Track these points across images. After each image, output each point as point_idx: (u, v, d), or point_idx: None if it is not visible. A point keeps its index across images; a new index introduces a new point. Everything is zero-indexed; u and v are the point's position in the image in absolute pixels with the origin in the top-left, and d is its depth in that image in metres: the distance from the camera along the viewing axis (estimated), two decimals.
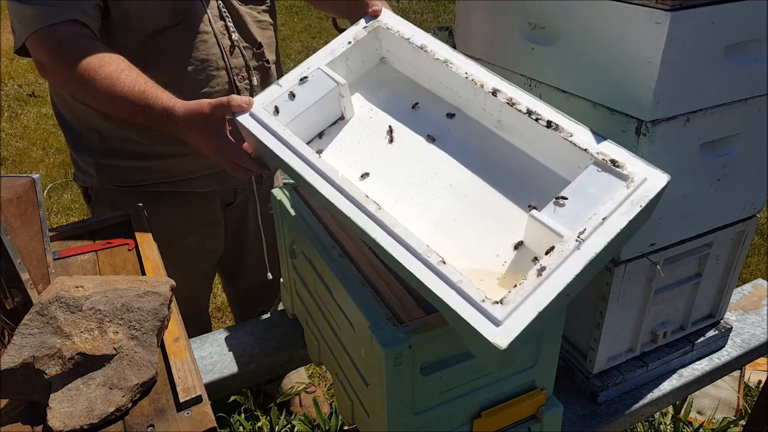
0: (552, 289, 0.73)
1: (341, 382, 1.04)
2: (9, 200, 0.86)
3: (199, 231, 1.50)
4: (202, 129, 1.07)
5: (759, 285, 1.47)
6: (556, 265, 0.75)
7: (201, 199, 1.46)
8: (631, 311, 1.10)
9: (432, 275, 0.76)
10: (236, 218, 1.59)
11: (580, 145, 0.86)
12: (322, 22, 6.78)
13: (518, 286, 0.73)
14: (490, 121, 0.99)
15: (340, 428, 1.76)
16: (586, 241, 0.77)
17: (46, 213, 0.94)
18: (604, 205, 0.80)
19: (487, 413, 0.92)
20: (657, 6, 0.81)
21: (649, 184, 0.82)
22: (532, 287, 0.73)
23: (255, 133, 0.97)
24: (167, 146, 1.33)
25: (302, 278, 1.14)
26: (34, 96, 4.68)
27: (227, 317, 2.53)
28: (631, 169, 0.82)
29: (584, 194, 0.82)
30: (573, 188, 0.83)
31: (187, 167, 1.39)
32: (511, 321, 0.71)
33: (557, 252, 0.76)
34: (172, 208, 1.43)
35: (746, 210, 1.12)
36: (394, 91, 1.10)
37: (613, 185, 0.82)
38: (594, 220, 0.78)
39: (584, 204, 0.81)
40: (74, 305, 0.82)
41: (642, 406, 1.15)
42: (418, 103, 1.06)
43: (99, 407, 0.76)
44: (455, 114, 1.03)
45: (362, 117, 1.07)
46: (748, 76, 0.94)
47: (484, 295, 0.72)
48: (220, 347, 1.25)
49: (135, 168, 1.37)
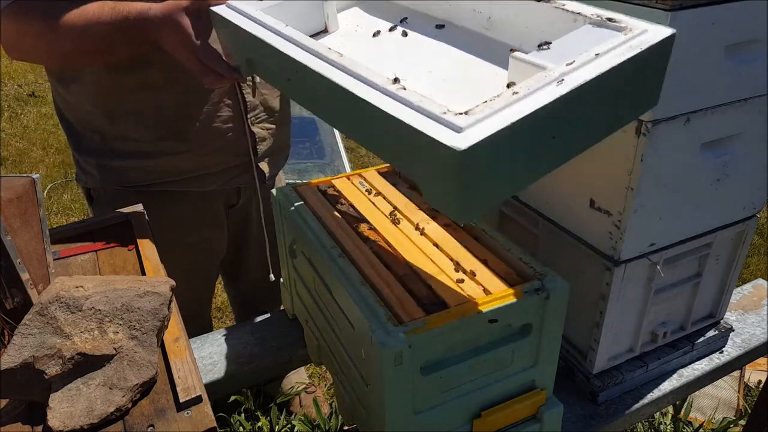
0: (527, 108, 0.63)
1: (341, 382, 1.04)
2: (9, 200, 0.86)
3: (201, 232, 1.50)
4: (173, 23, 1.03)
5: (759, 285, 1.47)
6: (536, 88, 0.65)
7: (203, 200, 1.46)
8: (631, 311, 1.10)
9: (388, 99, 0.67)
10: (239, 219, 1.59)
11: (573, 10, 0.79)
12: None
13: (488, 101, 0.64)
14: (480, 23, 0.93)
15: (340, 428, 1.76)
16: (573, 72, 0.66)
17: (46, 213, 0.94)
18: (598, 46, 0.70)
19: (487, 413, 0.92)
20: (657, 6, 0.81)
21: (650, 35, 0.71)
22: (504, 104, 0.63)
23: (232, 19, 0.92)
24: (167, 143, 1.33)
25: (302, 278, 1.14)
26: (34, 96, 4.68)
27: (227, 317, 2.53)
28: (630, 23, 0.73)
29: (575, 41, 0.73)
30: (562, 39, 0.75)
31: (187, 166, 1.38)
32: (475, 129, 0.61)
33: (539, 77, 0.66)
34: (174, 209, 1.43)
35: (746, 210, 1.12)
36: (380, 11, 1.06)
37: (609, 36, 0.72)
38: (585, 56, 0.68)
39: (574, 47, 0.71)
40: (74, 305, 0.82)
41: (642, 406, 1.15)
42: (407, 18, 1.02)
43: (99, 407, 0.76)
44: (444, 25, 0.99)
45: (347, 31, 1.02)
46: (749, 76, 0.94)
47: (446, 108, 0.64)
48: (220, 347, 1.25)
49: (136, 168, 1.37)
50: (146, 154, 1.36)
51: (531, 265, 0.92)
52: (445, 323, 0.81)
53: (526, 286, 0.87)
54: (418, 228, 1.05)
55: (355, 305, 0.85)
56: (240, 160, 1.44)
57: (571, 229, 1.08)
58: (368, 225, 1.06)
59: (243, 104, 1.37)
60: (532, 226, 1.18)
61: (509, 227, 1.26)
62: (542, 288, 0.87)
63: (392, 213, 1.10)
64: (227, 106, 1.36)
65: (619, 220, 0.97)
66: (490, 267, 0.94)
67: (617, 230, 0.98)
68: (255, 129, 1.42)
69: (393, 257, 0.97)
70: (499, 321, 0.85)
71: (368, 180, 1.22)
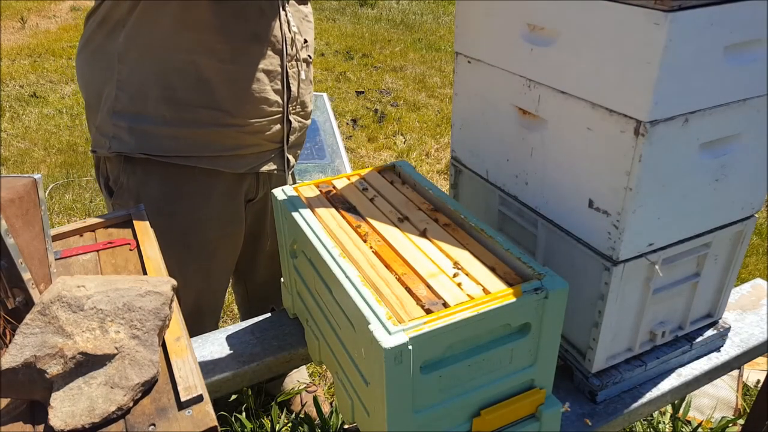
0: None
1: (341, 381, 1.05)
2: (11, 200, 0.86)
3: (219, 228, 1.50)
4: None
5: (758, 285, 1.47)
6: None
7: (228, 187, 1.45)
8: (630, 311, 1.11)
9: None
10: (255, 215, 1.60)
11: None
12: (322, 23, 6.79)
13: None
14: None
15: (340, 427, 1.76)
16: None
17: (48, 213, 0.94)
18: None
19: (487, 412, 0.93)
20: (655, 7, 0.82)
21: None
22: None
23: None
24: (212, 112, 1.34)
25: (303, 278, 1.14)
26: (35, 96, 4.68)
27: (228, 317, 2.53)
28: None
29: None
30: None
31: (225, 142, 1.38)
32: None
33: None
34: (197, 188, 1.41)
35: (745, 210, 1.13)
36: None
37: None
38: None
39: None
40: (76, 305, 0.82)
41: (641, 406, 1.15)
42: None
43: (100, 406, 0.77)
44: None
45: None
46: (747, 77, 0.95)
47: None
48: (221, 346, 1.25)
49: (172, 137, 1.34)
50: (186, 122, 1.32)
51: (530, 264, 0.92)
52: (445, 323, 0.81)
53: (525, 285, 0.88)
54: (418, 228, 1.05)
55: (355, 305, 0.86)
56: (272, 146, 1.47)
57: (570, 229, 1.09)
58: (368, 225, 1.07)
59: (287, 92, 1.42)
60: (531, 226, 1.18)
61: (509, 227, 1.27)
62: (541, 288, 0.87)
63: (392, 213, 1.10)
64: (274, 92, 1.39)
65: (618, 220, 0.97)
66: (490, 267, 0.94)
67: (616, 230, 0.98)
68: (291, 118, 1.47)
69: (393, 257, 0.97)
70: (499, 321, 0.86)
71: (368, 180, 1.23)
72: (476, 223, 1.04)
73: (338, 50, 5.93)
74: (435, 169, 3.80)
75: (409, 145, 4.08)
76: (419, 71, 5.46)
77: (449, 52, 5.95)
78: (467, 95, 1.26)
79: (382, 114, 4.55)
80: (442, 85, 5.16)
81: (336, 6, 7.49)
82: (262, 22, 1.34)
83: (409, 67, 5.57)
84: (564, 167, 1.06)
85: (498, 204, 1.26)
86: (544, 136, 1.08)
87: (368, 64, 5.62)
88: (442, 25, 6.91)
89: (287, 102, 1.44)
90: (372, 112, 4.60)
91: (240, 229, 1.56)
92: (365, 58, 5.76)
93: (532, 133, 1.11)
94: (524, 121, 1.12)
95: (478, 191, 1.32)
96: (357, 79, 5.24)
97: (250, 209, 1.56)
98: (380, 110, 4.61)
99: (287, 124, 1.46)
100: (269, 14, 1.35)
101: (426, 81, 5.23)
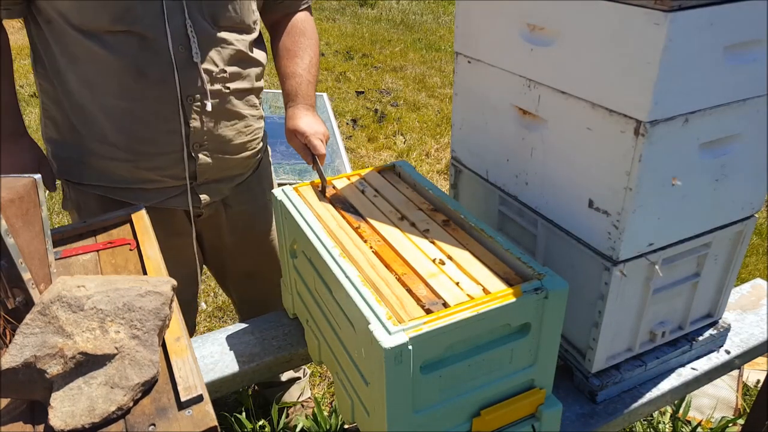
0: None
1: (341, 381, 1.05)
2: (11, 200, 0.86)
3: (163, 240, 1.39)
4: None
5: (757, 285, 1.47)
6: None
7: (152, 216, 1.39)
8: (630, 311, 1.11)
9: None
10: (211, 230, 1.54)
11: None
12: (322, 23, 6.78)
13: None
14: None
15: (340, 427, 1.76)
16: None
17: (48, 213, 0.94)
18: None
19: (486, 412, 0.93)
20: (655, 7, 0.82)
21: None
22: None
23: None
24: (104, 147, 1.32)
25: (303, 278, 1.14)
26: (35, 97, 4.68)
27: (228, 317, 2.53)
28: None
29: None
30: None
31: (119, 173, 1.35)
32: None
33: None
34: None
35: (744, 210, 1.13)
36: None
37: None
38: None
39: None
40: (76, 305, 0.83)
41: (641, 406, 1.15)
42: None
43: (100, 406, 0.77)
44: None
45: None
46: (747, 77, 0.95)
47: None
48: (221, 346, 1.25)
49: (76, 163, 1.37)
50: (88, 152, 1.34)
51: (530, 265, 0.92)
52: (445, 323, 0.81)
53: (525, 285, 0.88)
54: (418, 228, 1.05)
55: (355, 305, 0.86)
56: (176, 183, 1.39)
57: (570, 229, 1.09)
58: (368, 225, 1.07)
59: (185, 128, 1.32)
60: (531, 226, 1.18)
61: (509, 227, 1.27)
62: (541, 288, 0.87)
63: (392, 213, 1.10)
64: (168, 129, 1.31)
65: (618, 220, 0.97)
66: (490, 267, 0.94)
67: (616, 230, 0.98)
68: (200, 155, 1.37)
69: (393, 257, 0.97)
70: (499, 321, 0.86)
71: (368, 180, 1.23)
72: (476, 223, 1.04)
73: (338, 50, 5.94)
74: (435, 169, 3.80)
75: (409, 145, 4.08)
76: (419, 71, 5.46)
77: (449, 52, 5.96)
78: (467, 95, 1.26)
79: (382, 114, 4.56)
80: (442, 85, 5.16)
81: (336, 6, 7.49)
82: (144, 56, 1.24)
83: (409, 67, 5.57)
84: (564, 167, 1.06)
85: (498, 204, 1.26)
86: (544, 136, 1.08)
87: (368, 64, 5.62)
88: (442, 25, 6.91)
89: (187, 139, 1.33)
90: (372, 112, 4.60)
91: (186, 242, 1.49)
92: (365, 58, 5.77)
93: (532, 133, 1.11)
94: (524, 121, 1.12)
95: (478, 191, 1.32)
96: (357, 79, 5.24)
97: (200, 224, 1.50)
98: (380, 110, 4.62)
99: (192, 161, 1.36)
100: (154, 47, 1.24)
101: (426, 81, 5.24)
